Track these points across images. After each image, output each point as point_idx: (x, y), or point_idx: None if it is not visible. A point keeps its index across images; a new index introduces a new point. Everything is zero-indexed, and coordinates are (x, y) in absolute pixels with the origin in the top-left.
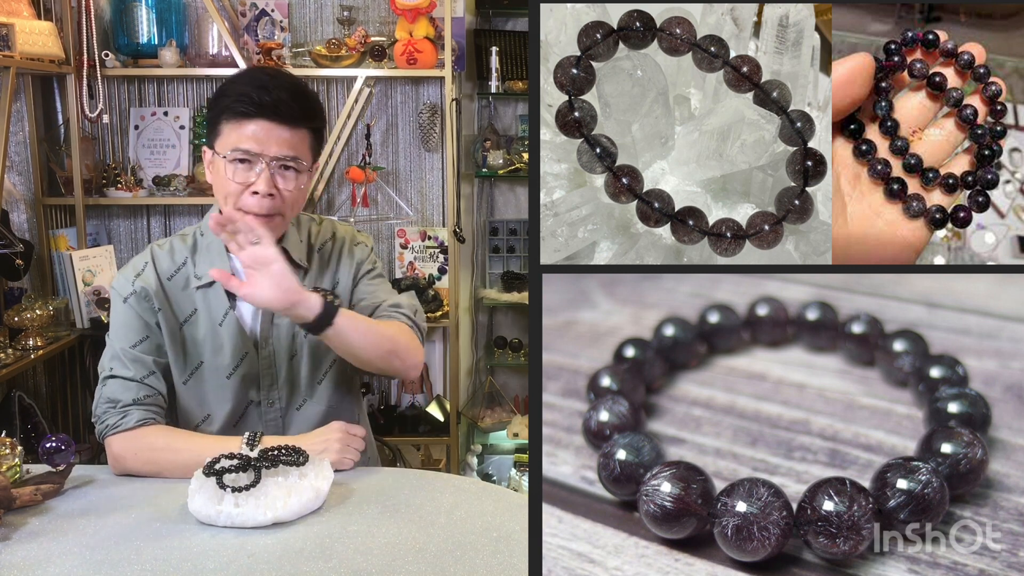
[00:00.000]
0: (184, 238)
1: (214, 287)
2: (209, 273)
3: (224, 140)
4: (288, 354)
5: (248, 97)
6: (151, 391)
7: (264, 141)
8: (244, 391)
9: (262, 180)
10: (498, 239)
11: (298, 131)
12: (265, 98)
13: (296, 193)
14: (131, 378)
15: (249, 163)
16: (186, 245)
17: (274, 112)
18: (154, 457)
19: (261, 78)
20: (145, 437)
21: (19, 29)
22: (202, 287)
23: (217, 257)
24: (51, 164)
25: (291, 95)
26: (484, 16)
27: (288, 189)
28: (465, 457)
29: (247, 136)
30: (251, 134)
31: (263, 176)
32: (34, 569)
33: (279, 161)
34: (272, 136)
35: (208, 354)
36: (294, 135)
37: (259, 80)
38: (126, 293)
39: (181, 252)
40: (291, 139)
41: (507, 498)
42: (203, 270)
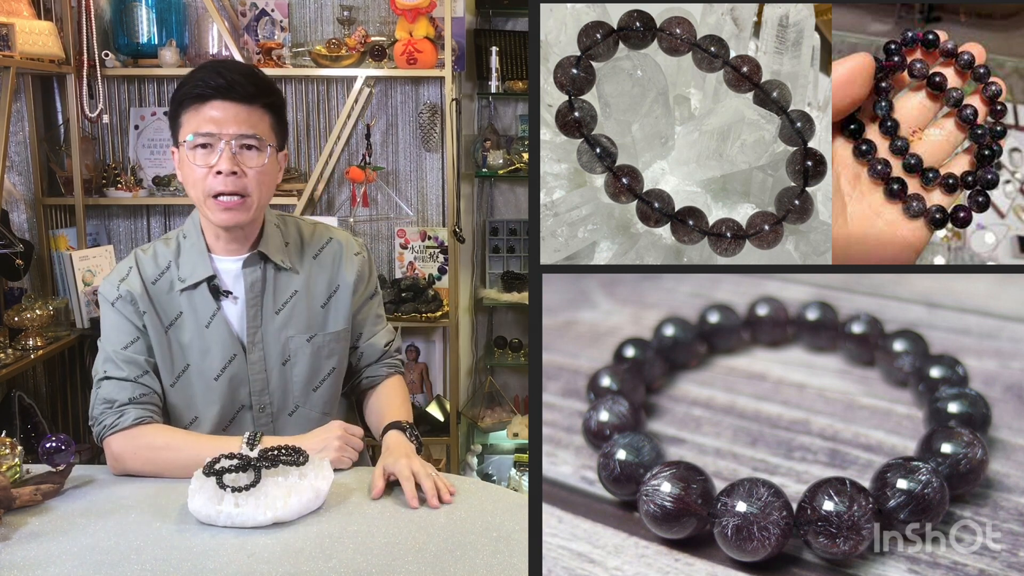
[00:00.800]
0: (167, 242)
1: (199, 289)
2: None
3: (185, 130)
4: (280, 359)
5: (202, 81)
6: (146, 390)
7: (222, 121)
8: (232, 394)
9: (224, 158)
10: (498, 239)
11: (255, 109)
12: (219, 80)
13: (261, 173)
14: (125, 378)
15: (210, 146)
16: (169, 249)
17: (228, 91)
18: (153, 456)
19: (214, 65)
20: (144, 436)
21: (19, 29)
22: (186, 289)
23: (199, 259)
24: (51, 164)
25: (244, 76)
26: (484, 16)
27: (250, 167)
28: (465, 457)
29: (206, 120)
30: (209, 117)
31: (224, 155)
32: (34, 569)
33: (238, 140)
34: (229, 115)
35: (195, 356)
36: (252, 113)
37: (212, 66)
38: (112, 297)
39: (164, 256)
40: (249, 117)
41: (507, 498)
42: (186, 272)
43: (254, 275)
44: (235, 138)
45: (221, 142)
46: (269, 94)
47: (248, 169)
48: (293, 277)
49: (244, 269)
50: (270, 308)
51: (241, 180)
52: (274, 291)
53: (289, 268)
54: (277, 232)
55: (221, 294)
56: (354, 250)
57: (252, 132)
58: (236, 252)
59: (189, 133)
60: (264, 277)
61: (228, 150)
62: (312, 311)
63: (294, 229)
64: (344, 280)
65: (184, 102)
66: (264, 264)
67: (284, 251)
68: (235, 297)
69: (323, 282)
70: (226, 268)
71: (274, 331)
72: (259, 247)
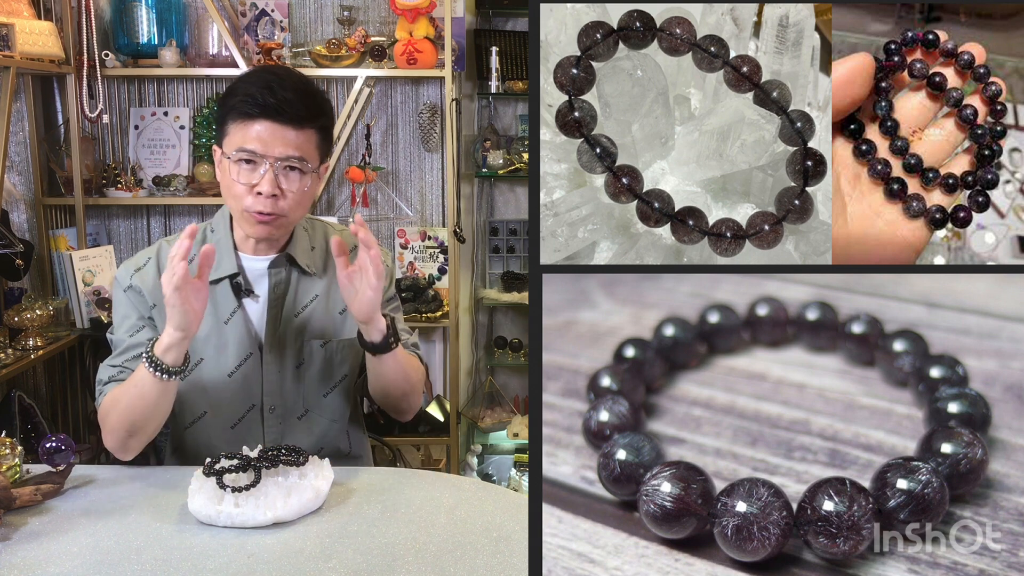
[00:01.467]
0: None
1: (221, 285)
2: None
3: (230, 140)
4: (295, 362)
5: (253, 98)
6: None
7: (268, 142)
8: (245, 393)
9: (266, 181)
10: (498, 239)
11: (304, 131)
12: (270, 99)
13: (300, 195)
14: (115, 364)
15: (254, 163)
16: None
17: (278, 113)
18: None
19: (268, 79)
20: (106, 402)
21: (19, 29)
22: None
23: (225, 255)
24: (51, 164)
25: (297, 95)
26: (484, 16)
27: (292, 190)
28: (465, 457)
29: (252, 137)
30: (256, 135)
31: (267, 177)
32: (34, 569)
33: (283, 162)
34: (277, 137)
35: (210, 351)
36: (300, 135)
37: (266, 81)
38: (125, 285)
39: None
40: (296, 140)
41: (507, 498)
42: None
43: (279, 276)
44: (280, 160)
45: (265, 163)
46: (320, 116)
47: (289, 192)
48: (316, 281)
49: (271, 269)
50: (290, 311)
51: (280, 202)
52: (296, 294)
53: (313, 273)
54: (305, 235)
55: (243, 292)
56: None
57: (298, 155)
58: (264, 252)
59: (234, 147)
60: (288, 279)
61: (271, 171)
62: (330, 317)
63: (321, 234)
64: None
65: (232, 112)
66: (290, 267)
67: (310, 255)
68: (257, 296)
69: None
70: (252, 267)
71: (292, 333)
72: (288, 250)
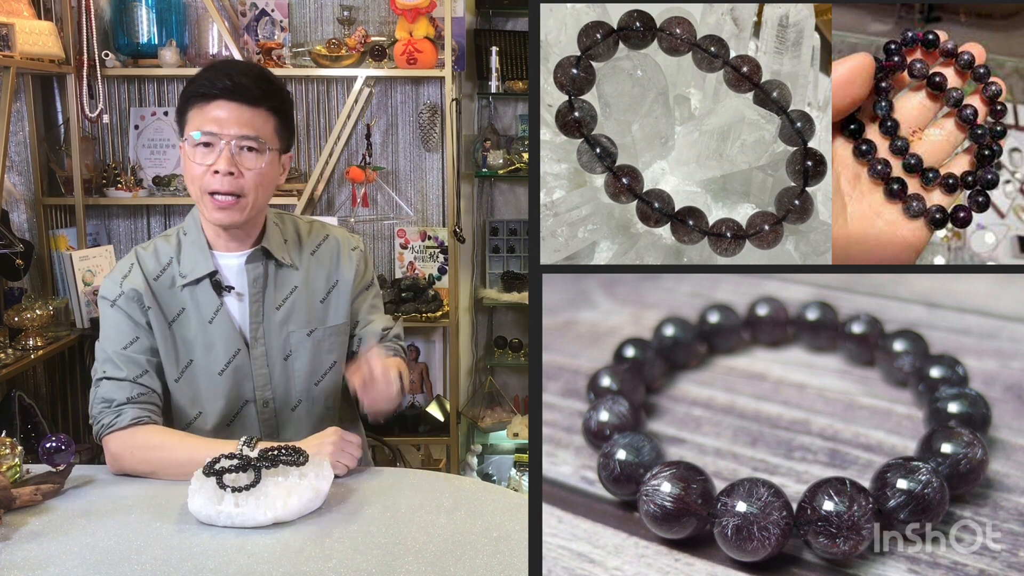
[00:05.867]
0: (168, 239)
1: (201, 284)
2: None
3: (190, 126)
4: (282, 354)
5: (211, 81)
6: (145, 389)
7: (225, 122)
8: (236, 389)
9: (222, 159)
10: (498, 239)
11: (259, 111)
12: (226, 81)
13: (259, 175)
14: (124, 378)
15: (211, 145)
16: (170, 245)
17: (234, 92)
18: (149, 456)
19: (225, 65)
20: (140, 435)
21: (19, 29)
22: (188, 285)
23: (200, 255)
24: (51, 164)
25: (251, 79)
26: (484, 16)
27: (249, 168)
28: (465, 457)
29: (209, 119)
30: (213, 116)
31: (223, 155)
32: (34, 569)
33: (239, 141)
34: (233, 116)
35: (199, 351)
36: (256, 115)
37: (222, 66)
38: (114, 296)
39: (166, 252)
40: (252, 119)
41: (507, 498)
42: (188, 268)
43: (257, 271)
44: (235, 139)
45: (221, 142)
46: (275, 97)
47: (246, 170)
48: (293, 273)
49: (247, 265)
50: (271, 303)
51: (238, 180)
52: (275, 287)
53: (289, 264)
54: (276, 229)
55: (224, 289)
56: (351, 246)
57: (254, 134)
58: (237, 249)
59: (193, 131)
60: (266, 273)
61: (228, 150)
62: (312, 306)
63: (291, 226)
64: (343, 276)
65: (191, 99)
66: (266, 260)
67: (284, 248)
68: (239, 293)
69: (322, 278)
70: (228, 264)
71: (275, 326)
72: (262, 243)
